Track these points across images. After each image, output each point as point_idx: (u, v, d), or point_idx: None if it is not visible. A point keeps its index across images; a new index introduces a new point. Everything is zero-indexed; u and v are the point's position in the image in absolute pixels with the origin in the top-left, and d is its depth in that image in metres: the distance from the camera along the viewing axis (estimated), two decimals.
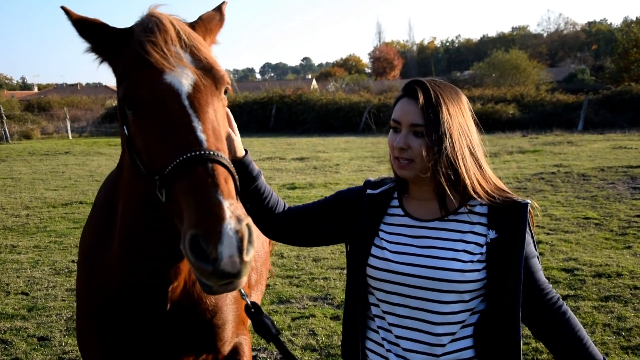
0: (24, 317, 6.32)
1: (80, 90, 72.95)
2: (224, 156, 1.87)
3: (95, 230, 2.57)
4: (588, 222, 9.63)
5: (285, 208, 2.55)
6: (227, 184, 1.80)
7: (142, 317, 2.44)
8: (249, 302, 2.48)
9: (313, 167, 18.07)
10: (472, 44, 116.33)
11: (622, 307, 6.02)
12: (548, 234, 9.04)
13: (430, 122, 2.16)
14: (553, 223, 9.67)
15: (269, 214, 2.47)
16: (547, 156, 18.79)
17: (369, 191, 2.47)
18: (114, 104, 47.04)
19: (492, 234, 2.18)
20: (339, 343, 5.41)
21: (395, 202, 2.41)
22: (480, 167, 2.26)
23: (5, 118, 32.01)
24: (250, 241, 1.70)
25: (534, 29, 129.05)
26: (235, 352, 2.78)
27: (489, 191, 2.23)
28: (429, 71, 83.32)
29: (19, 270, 7.99)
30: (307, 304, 6.47)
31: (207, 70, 2.03)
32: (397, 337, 2.26)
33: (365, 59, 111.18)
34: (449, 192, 2.20)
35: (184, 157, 1.80)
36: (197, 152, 1.81)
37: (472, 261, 2.16)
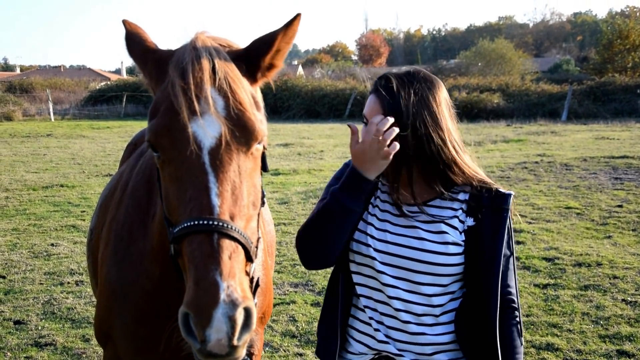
0: (0, 300, 6.24)
1: (64, 72, 72.03)
2: (235, 226, 1.70)
3: (132, 215, 2.41)
4: (569, 212, 9.68)
5: None
6: (231, 260, 1.65)
7: (173, 311, 2.36)
8: None
9: (297, 154, 18.01)
10: (459, 33, 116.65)
11: (601, 296, 6.06)
12: (530, 223, 9.06)
13: (393, 114, 2.16)
14: (535, 212, 9.70)
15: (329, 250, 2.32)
16: (530, 146, 18.88)
17: None
18: (97, 87, 46.58)
19: (469, 221, 2.22)
20: None
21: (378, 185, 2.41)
22: (457, 153, 2.24)
23: None
24: (247, 325, 1.60)
25: (520, 18, 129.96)
26: (249, 346, 2.73)
27: (467, 173, 2.22)
28: (415, 59, 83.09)
29: None
30: (287, 290, 6.44)
31: (238, 120, 1.81)
32: (381, 314, 2.28)
33: (352, 46, 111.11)
34: (424, 177, 2.23)
35: (192, 223, 1.68)
36: (205, 221, 1.67)
37: (456, 243, 2.18)
